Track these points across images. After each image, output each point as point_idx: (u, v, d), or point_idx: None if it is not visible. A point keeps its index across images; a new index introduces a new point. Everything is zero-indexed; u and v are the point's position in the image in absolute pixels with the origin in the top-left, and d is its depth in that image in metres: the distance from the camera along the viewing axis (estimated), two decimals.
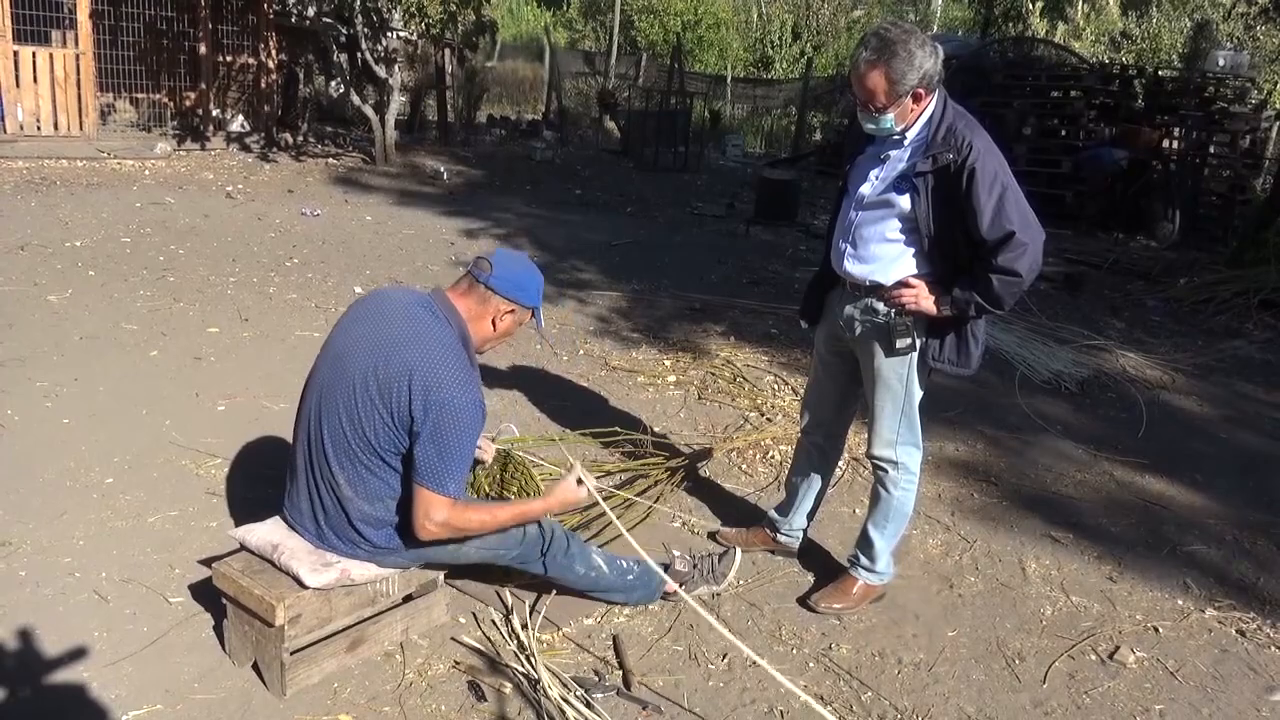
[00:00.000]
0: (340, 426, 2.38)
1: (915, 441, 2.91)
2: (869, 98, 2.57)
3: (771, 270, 7.88)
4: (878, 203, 2.71)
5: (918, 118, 2.62)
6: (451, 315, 2.44)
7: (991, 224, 2.50)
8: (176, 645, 2.60)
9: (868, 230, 2.74)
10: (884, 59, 2.50)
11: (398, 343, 2.35)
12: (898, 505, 2.95)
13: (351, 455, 2.38)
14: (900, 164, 2.67)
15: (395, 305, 2.47)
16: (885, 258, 2.72)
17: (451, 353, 2.36)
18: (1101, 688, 2.73)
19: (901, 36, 2.51)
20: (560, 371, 4.98)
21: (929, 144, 2.59)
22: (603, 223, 9.40)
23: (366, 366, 2.36)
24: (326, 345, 2.53)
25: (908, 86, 2.52)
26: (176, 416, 3.99)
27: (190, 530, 3.16)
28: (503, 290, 2.46)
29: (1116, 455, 4.44)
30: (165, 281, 5.89)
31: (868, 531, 3.00)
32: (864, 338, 2.82)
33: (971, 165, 2.50)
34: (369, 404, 2.34)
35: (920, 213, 2.62)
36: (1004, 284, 2.54)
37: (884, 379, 2.82)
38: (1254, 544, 3.70)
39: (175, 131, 11.13)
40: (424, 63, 14.29)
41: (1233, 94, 12.12)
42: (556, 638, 2.76)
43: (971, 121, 2.60)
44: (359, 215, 8.57)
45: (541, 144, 14.59)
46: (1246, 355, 6.35)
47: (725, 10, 28.21)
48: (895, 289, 2.71)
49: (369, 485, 2.40)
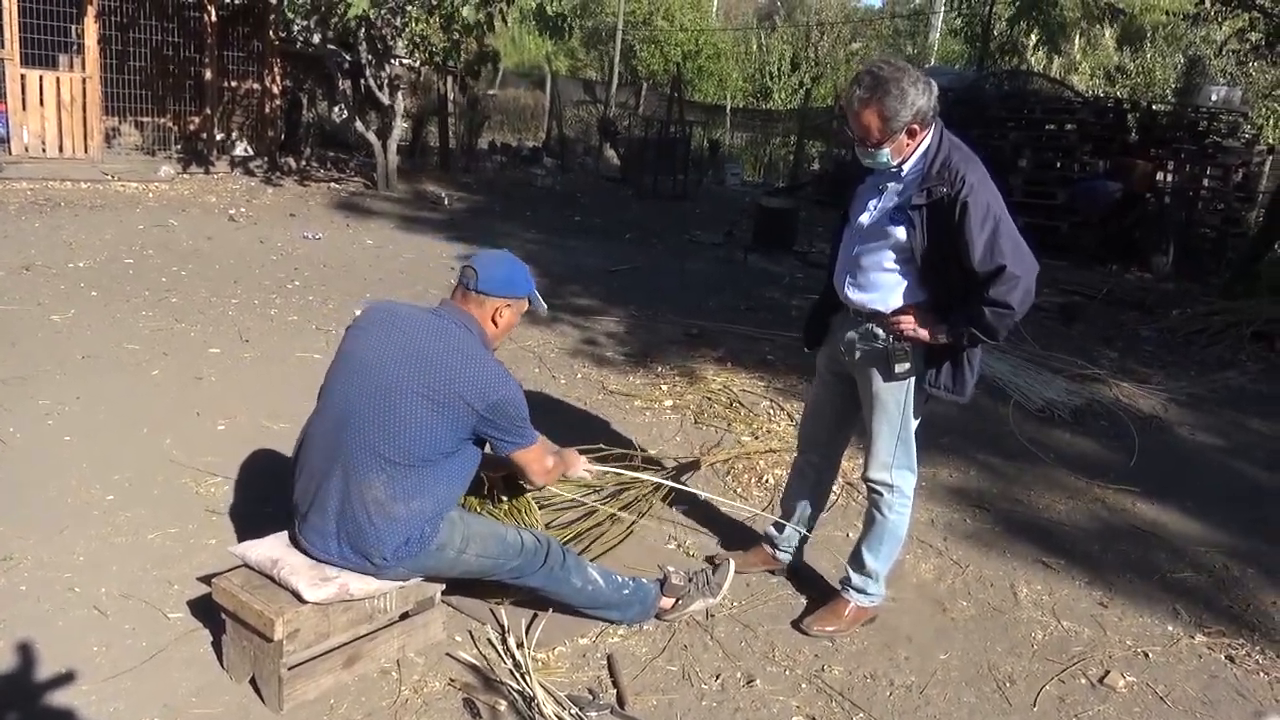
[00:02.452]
0: (381, 433, 2.45)
1: (910, 466, 2.95)
2: (864, 134, 2.63)
3: (769, 297, 7.95)
4: (876, 233, 2.77)
5: (913, 151, 2.67)
6: (468, 321, 2.59)
7: (984, 257, 2.55)
8: (175, 660, 2.62)
9: (866, 260, 2.80)
10: (877, 97, 2.55)
11: (438, 358, 2.49)
12: (892, 528, 2.98)
13: (391, 460, 2.45)
14: (896, 196, 2.72)
15: (414, 319, 2.59)
16: (884, 286, 2.78)
17: (483, 355, 2.56)
18: (1091, 711, 2.75)
19: (894, 75, 2.56)
20: (558, 395, 5.02)
21: (924, 177, 2.64)
22: (602, 249, 9.48)
23: (407, 378, 2.46)
24: (344, 357, 2.60)
25: (901, 123, 2.58)
26: (177, 435, 4.02)
27: (190, 547, 3.19)
28: (494, 291, 2.63)
29: (1109, 483, 4.48)
30: (167, 302, 5.94)
31: (861, 554, 3.03)
32: (863, 362, 2.87)
33: (964, 199, 2.54)
34: (413, 413, 2.45)
35: (916, 244, 2.67)
36: (996, 315, 2.59)
37: (882, 403, 2.87)
38: (1244, 572, 3.73)
39: (179, 155, 11.23)
40: (426, 90, 14.43)
41: (1226, 128, 12.27)
42: (552, 656, 2.78)
43: (968, 154, 2.65)
44: (360, 239, 8.64)
45: (542, 171, 14.72)
46: (1239, 386, 6.40)
47: (725, 41, 28.54)
48: (894, 315, 2.77)
49: (405, 486, 2.47)
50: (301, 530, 2.56)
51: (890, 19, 31.35)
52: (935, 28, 25.52)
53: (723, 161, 18.02)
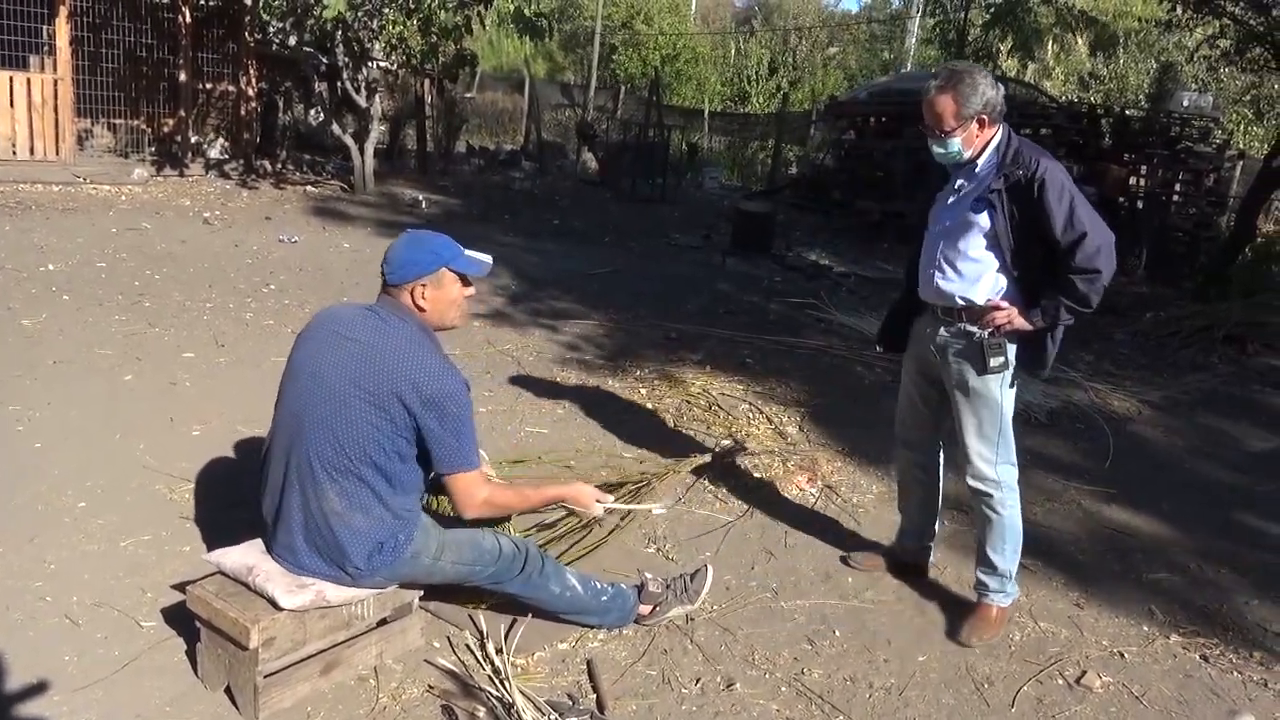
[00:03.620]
0: (330, 442, 2.41)
1: (1011, 460, 3.04)
2: (938, 122, 2.82)
3: (747, 300, 7.96)
4: (959, 225, 2.92)
5: (985, 145, 2.86)
6: (402, 313, 2.52)
7: (1065, 227, 2.74)
8: (148, 670, 2.59)
9: (952, 251, 2.94)
10: (951, 84, 2.79)
11: (373, 352, 2.43)
12: (1010, 524, 3.05)
13: (343, 469, 2.42)
14: (976, 188, 2.89)
15: (353, 319, 2.53)
16: (971, 275, 2.91)
17: (422, 346, 2.47)
18: (1068, 711, 2.77)
19: (968, 68, 2.84)
20: (537, 399, 5.00)
21: (1000, 165, 2.84)
22: (580, 252, 9.46)
23: (348, 379, 2.41)
24: (291, 367, 2.56)
25: (973, 110, 2.78)
26: (151, 441, 3.97)
27: (163, 554, 3.15)
28: (402, 279, 2.52)
29: (1084, 485, 4.52)
30: (141, 307, 5.88)
31: (988, 557, 3.09)
32: (957, 360, 2.98)
33: (1041, 177, 2.75)
34: (360, 416, 2.40)
35: (1000, 227, 2.83)
36: (1086, 281, 2.76)
37: (980, 397, 2.96)
38: (1217, 572, 3.76)
39: (153, 157, 11.11)
40: (404, 92, 14.38)
41: (1197, 134, 12.42)
42: (531, 662, 2.77)
43: (1035, 146, 2.87)
44: (337, 243, 8.59)
45: (520, 174, 14.69)
46: (1211, 388, 6.47)
47: (703, 45, 28.63)
48: (987, 313, 2.88)
49: (361, 496, 2.43)
50: (273, 548, 2.54)
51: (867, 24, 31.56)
52: (912, 33, 25.71)
53: (701, 165, 18.07)
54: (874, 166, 12.96)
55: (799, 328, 7.11)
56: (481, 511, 2.56)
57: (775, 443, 4.68)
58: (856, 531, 3.84)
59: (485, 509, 2.56)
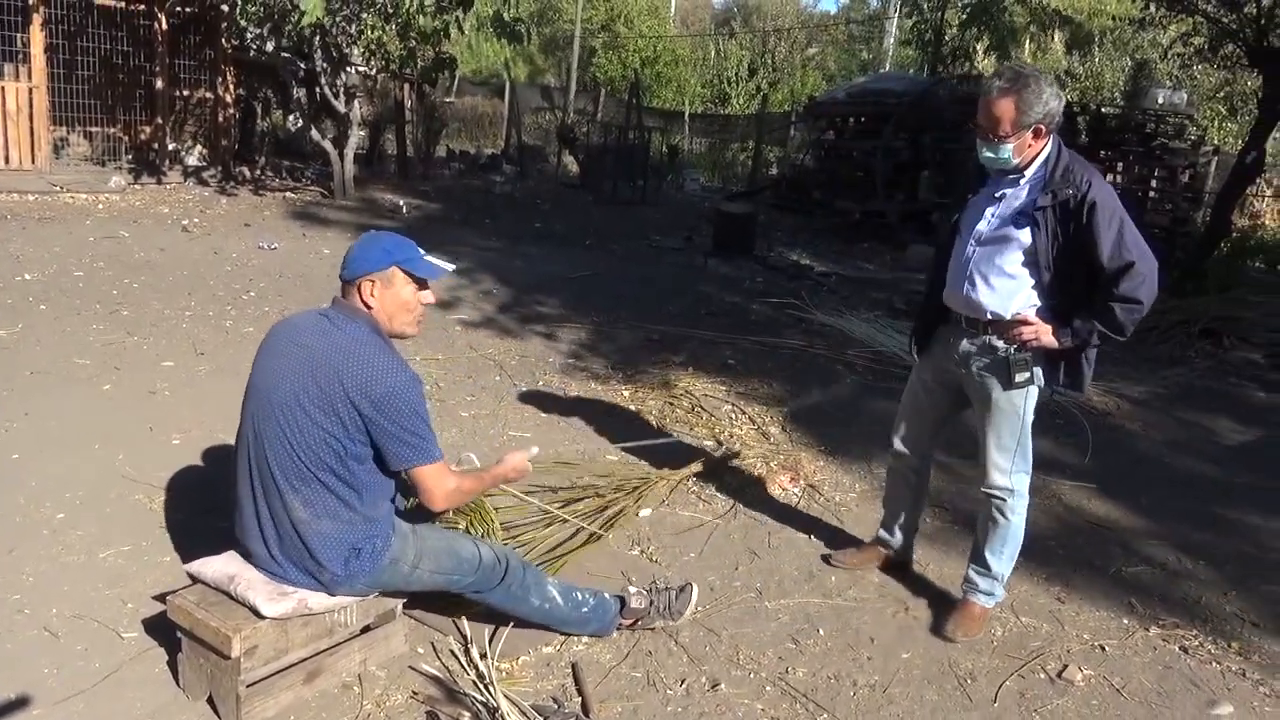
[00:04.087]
0: (286, 451, 2.39)
1: (1027, 468, 3.03)
2: (994, 125, 2.72)
3: (729, 301, 7.98)
4: (996, 238, 2.84)
5: (1035, 156, 2.78)
6: (353, 313, 2.49)
7: (1113, 254, 2.66)
8: (129, 681, 2.57)
9: (987, 265, 2.86)
10: (1016, 88, 2.68)
11: (320, 356, 2.40)
12: (1014, 531, 3.06)
13: (305, 477, 2.40)
14: (1018, 200, 2.82)
15: (303, 325, 2.52)
16: (1004, 290, 2.85)
17: (369, 345, 2.42)
18: (1051, 705, 2.79)
19: (1034, 73, 2.72)
20: (519, 402, 5.00)
21: (1047, 181, 2.74)
22: (562, 255, 9.46)
23: (296, 387, 2.39)
24: (251, 379, 2.55)
25: (1032, 119, 2.69)
26: (130, 451, 3.95)
27: (144, 565, 3.13)
28: (353, 273, 2.49)
29: (1064, 479, 4.55)
30: (119, 315, 5.83)
31: (985, 557, 3.09)
32: (981, 373, 2.94)
33: (1092, 199, 2.66)
34: (310, 422, 2.37)
35: (1041, 245, 2.75)
36: (1126, 311, 2.71)
37: (1002, 411, 2.93)
38: (1196, 564, 3.80)
39: (130, 165, 11.03)
40: (383, 97, 14.34)
41: (1172, 130, 12.54)
42: (515, 666, 2.76)
43: (1085, 162, 2.79)
44: (317, 248, 8.55)
45: (501, 178, 14.67)
46: (1188, 382, 6.54)
47: (683, 47, 28.69)
48: (1014, 326, 2.83)
49: (325, 503, 2.42)
50: (248, 553, 2.52)
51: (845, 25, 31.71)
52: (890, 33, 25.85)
53: (682, 167, 18.10)
54: (853, 166, 13.01)
55: (780, 328, 7.14)
56: (451, 500, 2.53)
57: (758, 443, 4.69)
58: (840, 529, 3.85)
59: (455, 497, 2.54)
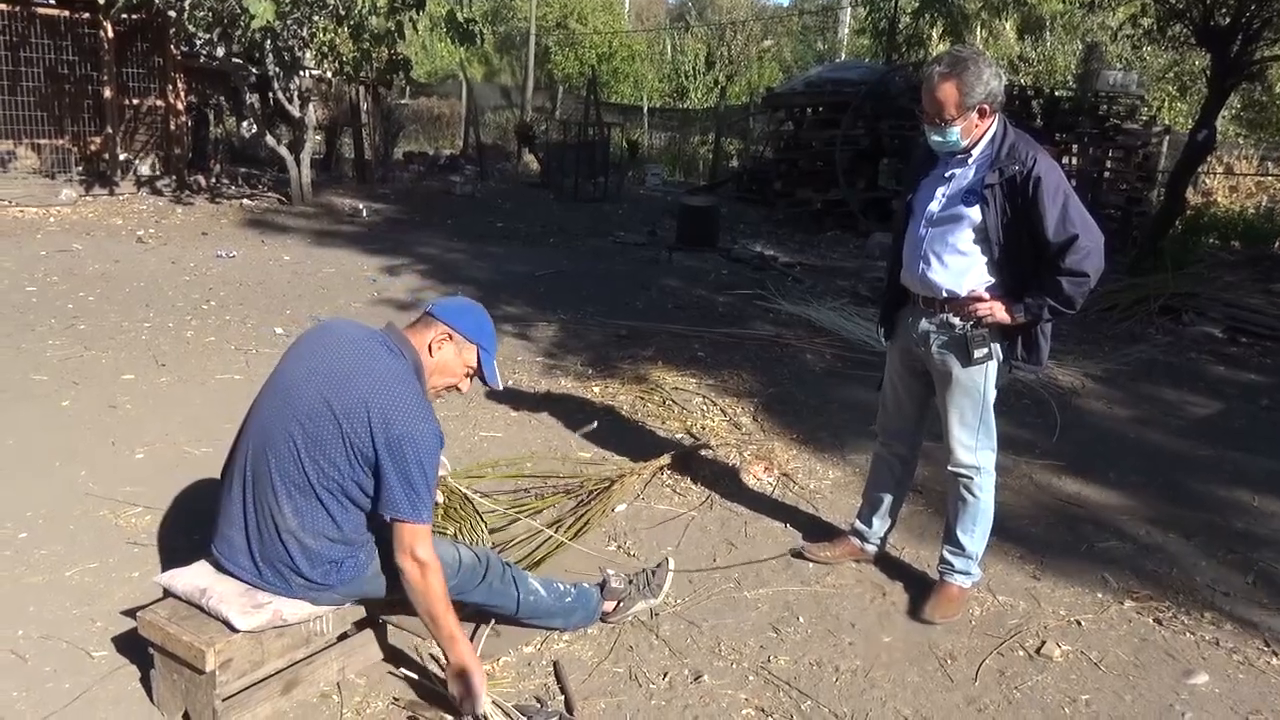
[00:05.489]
0: (293, 457, 2.35)
1: (992, 445, 3.07)
2: (939, 110, 2.76)
3: (695, 295, 7.98)
4: (947, 217, 2.89)
5: (982, 135, 2.83)
6: (404, 347, 2.46)
7: (1057, 229, 2.71)
8: (101, 700, 2.51)
9: (940, 243, 2.91)
10: (956, 72, 2.73)
11: (350, 374, 2.35)
12: (983, 508, 3.09)
13: (303, 487, 2.35)
14: (967, 179, 2.86)
15: (345, 337, 2.47)
16: (957, 268, 2.89)
17: (404, 384, 2.37)
18: (1030, 682, 2.82)
19: (973, 55, 2.77)
20: (489, 401, 4.96)
21: (994, 159, 2.79)
22: (526, 254, 9.41)
23: (319, 397, 2.34)
24: (274, 377, 2.50)
25: (975, 100, 2.73)
26: (92, 466, 3.86)
27: (112, 582, 3.06)
28: (443, 316, 2.50)
29: (1034, 459, 4.60)
30: (75, 330, 5.71)
31: (957, 537, 3.12)
32: (940, 351, 2.97)
33: (1037, 175, 2.71)
34: (327, 434, 2.32)
35: (991, 222, 2.80)
36: (1073, 284, 2.74)
37: (963, 387, 2.97)
38: (1165, 537, 3.86)
39: (81, 177, 10.82)
40: (338, 100, 14.17)
41: (1125, 111, 12.72)
42: (497, 667, 2.74)
43: (1030, 140, 2.82)
44: (277, 255, 8.43)
45: (461, 179, 14.56)
46: (1150, 359, 6.64)
47: (639, 42, 28.67)
48: (969, 303, 2.87)
49: (316, 519, 2.37)
50: (226, 552, 2.46)
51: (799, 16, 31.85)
52: (844, 23, 26.00)
53: (643, 162, 18.08)
54: (813, 157, 13.07)
55: (748, 319, 7.15)
56: (409, 568, 2.33)
57: (731, 434, 4.69)
58: (815, 517, 3.86)
59: (414, 569, 2.33)
